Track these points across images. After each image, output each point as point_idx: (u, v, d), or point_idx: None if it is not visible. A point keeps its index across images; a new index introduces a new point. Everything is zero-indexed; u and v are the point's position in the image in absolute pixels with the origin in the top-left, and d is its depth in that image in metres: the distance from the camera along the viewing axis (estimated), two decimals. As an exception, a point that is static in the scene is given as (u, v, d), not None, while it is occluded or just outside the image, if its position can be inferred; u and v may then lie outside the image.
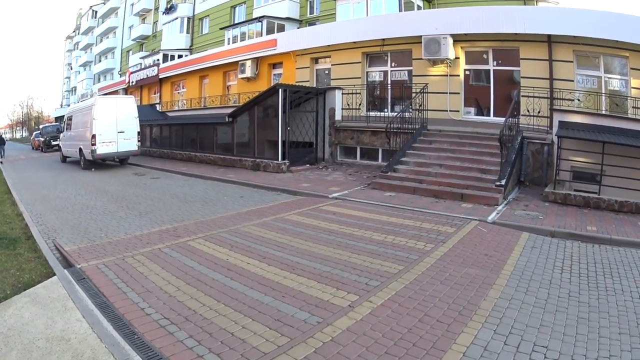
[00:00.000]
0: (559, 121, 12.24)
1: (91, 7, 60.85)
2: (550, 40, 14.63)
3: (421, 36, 16.40)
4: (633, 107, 13.34)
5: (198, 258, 6.30)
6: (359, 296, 4.94)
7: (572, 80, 14.53)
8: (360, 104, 17.22)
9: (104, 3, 56.64)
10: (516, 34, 14.84)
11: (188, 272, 5.72)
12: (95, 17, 59.27)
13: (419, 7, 20.84)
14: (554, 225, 8.25)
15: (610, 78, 14.57)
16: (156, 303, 4.78)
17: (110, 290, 5.12)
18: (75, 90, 67.23)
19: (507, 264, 6.19)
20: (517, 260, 6.38)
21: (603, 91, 14.40)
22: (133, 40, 46.07)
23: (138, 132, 19.08)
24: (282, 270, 5.77)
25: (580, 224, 8.47)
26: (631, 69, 13.93)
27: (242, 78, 24.84)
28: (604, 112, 13.68)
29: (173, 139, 23.05)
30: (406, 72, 18.17)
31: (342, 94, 17.17)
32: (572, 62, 14.60)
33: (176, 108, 31.10)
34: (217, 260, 6.19)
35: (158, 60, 34.64)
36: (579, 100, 14.05)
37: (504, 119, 11.53)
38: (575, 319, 4.56)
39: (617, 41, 13.43)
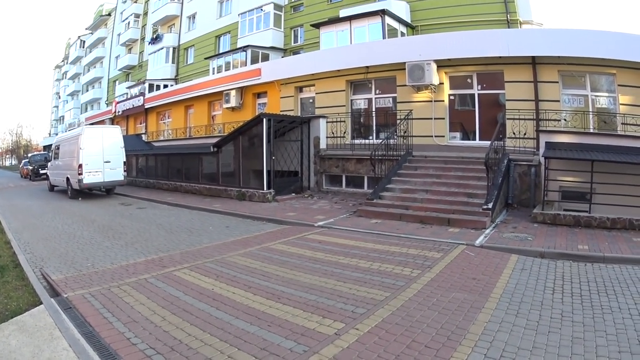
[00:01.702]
0: (546, 142, 12.32)
1: (79, 37, 61.53)
2: (534, 62, 14.79)
3: (405, 63, 16.50)
4: (622, 124, 13.44)
5: (184, 288, 6.23)
6: (345, 324, 4.84)
7: (558, 101, 14.64)
8: (345, 132, 17.24)
9: (91, 33, 57.41)
10: (500, 57, 14.99)
11: (174, 302, 5.66)
12: (83, 47, 59.86)
13: (402, 34, 21.08)
14: (544, 246, 8.17)
15: (598, 96, 14.73)
16: (142, 333, 4.75)
17: (97, 320, 5.11)
18: (63, 119, 67.45)
19: (496, 287, 6.06)
20: (507, 282, 6.26)
21: (590, 110, 14.51)
22: (119, 70, 46.47)
23: (124, 162, 19.00)
24: (268, 300, 5.69)
25: (571, 243, 8.41)
26: (619, 85, 14.09)
27: (227, 108, 24.93)
28: (591, 131, 13.77)
29: (159, 169, 22.94)
30: (391, 99, 18.27)
31: (327, 122, 17.21)
32: (557, 82, 14.74)
33: (162, 138, 31.22)
34: (202, 290, 6.12)
35: (144, 90, 34.74)
36: (565, 120, 14.16)
37: (489, 142, 11.50)
38: (570, 339, 4.45)
39: (603, 59, 13.60)
